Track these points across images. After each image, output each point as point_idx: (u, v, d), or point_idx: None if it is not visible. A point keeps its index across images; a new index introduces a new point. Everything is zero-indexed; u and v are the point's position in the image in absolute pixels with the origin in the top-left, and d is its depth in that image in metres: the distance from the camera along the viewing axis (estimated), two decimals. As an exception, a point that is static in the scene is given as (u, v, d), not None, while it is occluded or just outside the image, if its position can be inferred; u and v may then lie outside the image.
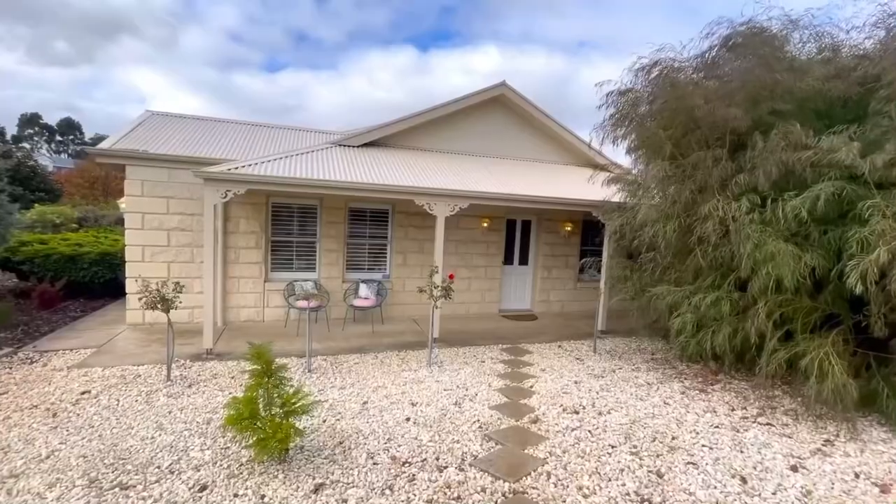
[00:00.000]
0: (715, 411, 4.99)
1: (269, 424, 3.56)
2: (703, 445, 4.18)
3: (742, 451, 4.08)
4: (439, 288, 6.54)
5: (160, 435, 4.18)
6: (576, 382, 6.00)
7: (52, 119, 63.47)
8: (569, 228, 10.28)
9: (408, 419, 4.65)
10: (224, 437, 4.11)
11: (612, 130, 6.25)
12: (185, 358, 6.38)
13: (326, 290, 8.59)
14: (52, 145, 63.25)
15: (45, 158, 50.11)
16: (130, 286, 7.61)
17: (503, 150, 10.36)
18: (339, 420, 4.60)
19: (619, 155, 9.08)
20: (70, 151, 59.19)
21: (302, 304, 7.89)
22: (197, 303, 7.88)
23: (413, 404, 5.07)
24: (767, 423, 4.66)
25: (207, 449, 3.93)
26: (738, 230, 4.62)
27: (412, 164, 8.47)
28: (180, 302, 5.57)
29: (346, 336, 7.80)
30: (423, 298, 6.66)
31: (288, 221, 8.58)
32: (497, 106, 10.09)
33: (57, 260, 9.62)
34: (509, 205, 8.02)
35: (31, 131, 61.89)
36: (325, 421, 4.57)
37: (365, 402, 5.09)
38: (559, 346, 7.90)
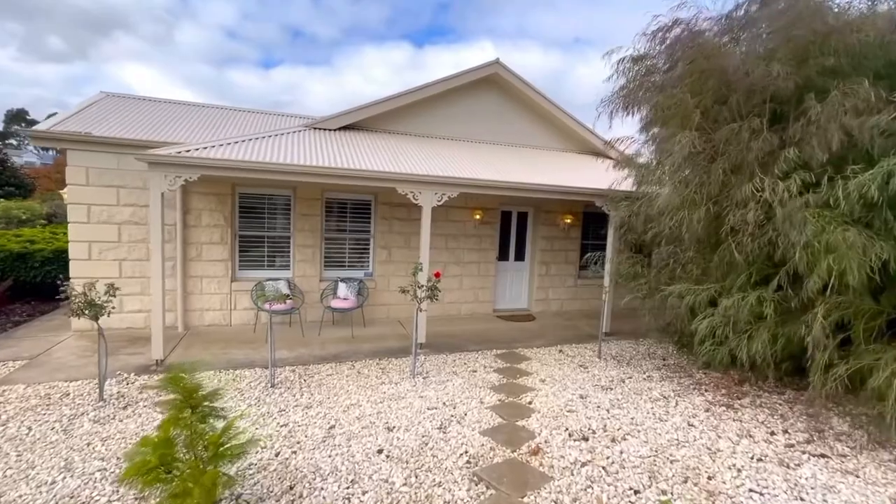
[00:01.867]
0: (751, 436, 4.17)
1: (188, 473, 2.70)
2: (751, 490, 3.33)
3: (801, 500, 3.25)
4: (424, 288, 5.70)
5: (65, 478, 3.31)
6: (581, 397, 5.17)
7: (42, 116, 61.83)
8: (568, 221, 9.44)
9: (380, 451, 3.79)
10: (144, 480, 3.25)
11: (623, 103, 5.39)
12: (130, 371, 5.52)
13: (301, 291, 7.71)
14: (39, 141, 61.53)
15: (32, 155, 48.68)
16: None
17: (497, 135, 9.48)
18: (295, 453, 3.75)
19: (626, 131, 8.26)
20: (56, 147, 57.54)
21: (274, 306, 7.02)
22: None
23: (389, 429, 4.22)
24: (822, 455, 3.84)
25: (117, 501, 3.06)
26: (788, 216, 3.78)
27: (395, 148, 7.59)
28: (113, 307, 4.69)
29: (321, 342, 6.94)
30: (409, 298, 5.80)
31: (257, 214, 7.69)
32: (490, 87, 9.20)
33: (4, 258, 8.68)
34: (504, 194, 7.16)
35: (18, 128, 60.25)
36: (278, 454, 3.71)
37: (332, 427, 4.24)
38: (560, 352, 7.08)
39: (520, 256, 9.57)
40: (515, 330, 8.19)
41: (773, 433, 4.21)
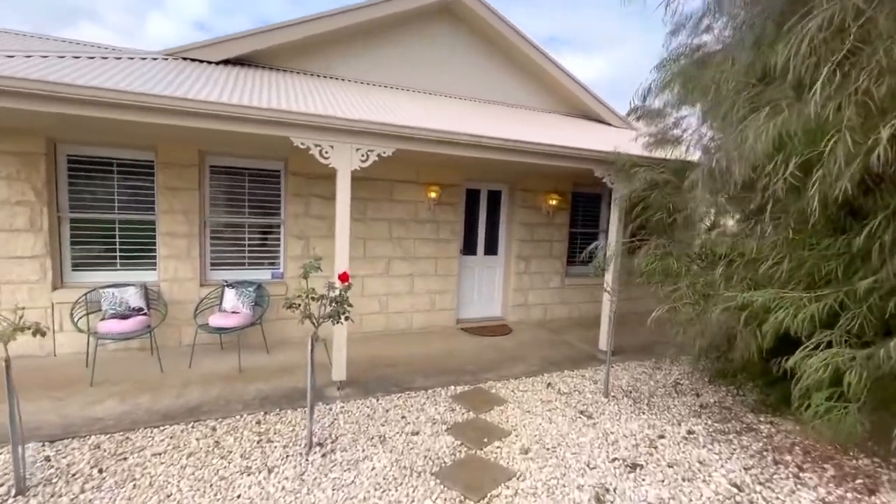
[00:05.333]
0: None
1: None
2: None
3: None
4: (326, 300, 3.32)
5: None
6: (598, 496, 2.90)
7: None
8: (554, 202, 7.21)
9: None
10: None
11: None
12: None
13: (165, 301, 5.21)
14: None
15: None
16: None
17: (458, 85, 7.17)
18: None
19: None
20: None
21: (108, 326, 4.51)
22: None
23: None
24: None
25: None
26: None
27: (307, 90, 5.15)
28: None
29: (185, 381, 4.48)
30: (299, 320, 3.43)
31: (99, 186, 5.12)
32: (449, 20, 6.86)
33: None
34: (465, 155, 4.82)
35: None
36: None
37: None
38: (548, 385, 4.85)
39: (491, 249, 7.29)
40: (485, 349, 5.91)
41: None
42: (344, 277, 3.23)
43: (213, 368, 4.84)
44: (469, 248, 7.05)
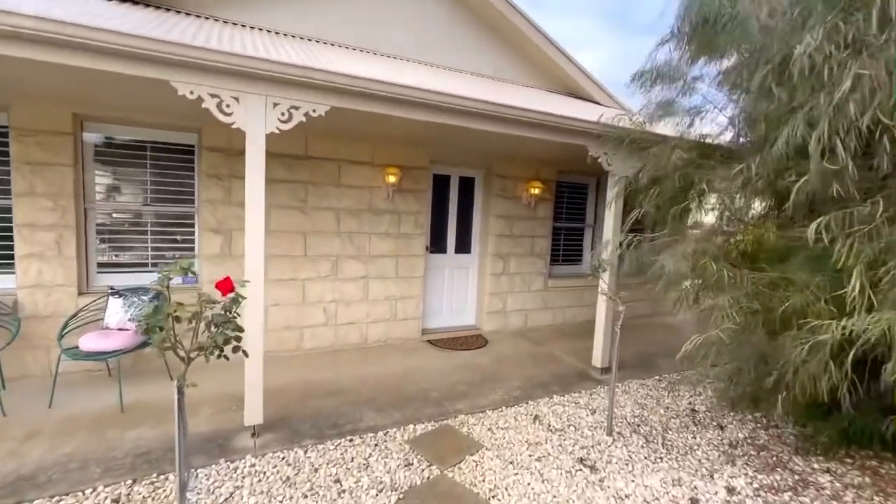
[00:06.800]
0: None
1: None
2: None
3: None
4: (200, 319, 2.13)
5: None
6: None
7: None
8: (536, 191, 6.16)
9: None
10: None
11: None
12: None
13: (19, 316, 3.85)
14: None
15: None
16: None
17: (423, 50, 5.98)
18: None
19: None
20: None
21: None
22: None
23: None
24: None
25: None
26: None
27: (221, 34, 3.87)
28: None
29: (33, 430, 3.17)
30: (158, 350, 2.20)
31: (-74, 160, 3.73)
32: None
33: None
34: (428, 121, 3.67)
35: None
36: None
37: None
38: (535, 419, 3.78)
39: (463, 246, 6.17)
40: (456, 368, 4.79)
41: None
42: (225, 286, 2.03)
43: (84, 407, 3.53)
44: (437, 244, 5.91)
